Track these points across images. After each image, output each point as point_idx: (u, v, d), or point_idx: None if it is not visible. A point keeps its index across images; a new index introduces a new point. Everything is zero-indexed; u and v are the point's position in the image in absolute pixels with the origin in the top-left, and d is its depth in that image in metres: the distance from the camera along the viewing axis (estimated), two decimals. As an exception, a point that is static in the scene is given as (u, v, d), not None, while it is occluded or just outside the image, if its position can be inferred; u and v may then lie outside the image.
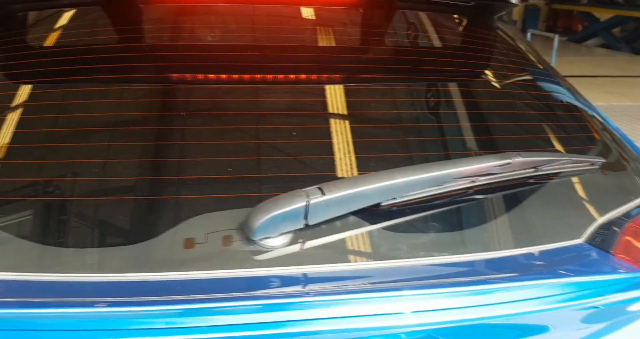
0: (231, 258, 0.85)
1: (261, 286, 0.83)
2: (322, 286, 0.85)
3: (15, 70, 1.26)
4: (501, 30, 1.60)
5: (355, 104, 1.14)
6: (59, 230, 0.90)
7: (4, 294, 0.78)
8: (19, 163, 0.98)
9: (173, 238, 0.87)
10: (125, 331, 0.74)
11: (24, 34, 1.44)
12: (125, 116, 1.08)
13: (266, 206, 0.82)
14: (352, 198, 0.85)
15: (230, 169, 0.97)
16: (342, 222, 0.89)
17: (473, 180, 0.97)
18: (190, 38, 1.33)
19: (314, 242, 0.88)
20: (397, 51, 1.36)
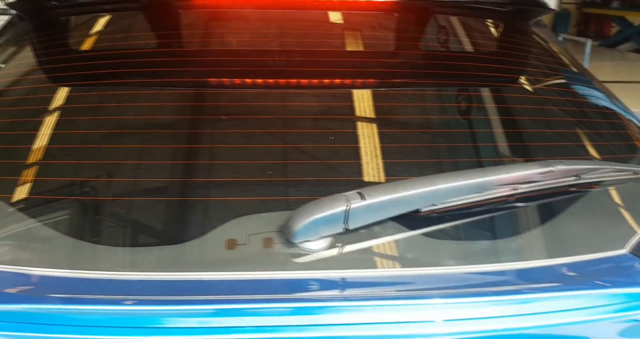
0: (271, 260, 0.86)
1: (300, 288, 0.83)
2: (360, 291, 0.85)
3: (58, 73, 1.30)
4: (537, 35, 1.58)
5: (392, 109, 1.14)
6: (109, 230, 0.92)
7: (55, 291, 0.81)
8: (76, 163, 1.01)
9: (216, 239, 0.88)
10: (169, 329, 0.76)
11: (66, 38, 1.48)
12: (170, 119, 1.11)
13: (307, 210, 0.82)
14: (392, 204, 0.85)
15: (270, 172, 0.98)
16: (380, 227, 0.89)
17: (514, 187, 0.96)
18: (228, 43, 1.34)
19: (353, 247, 0.88)
20: (435, 56, 1.36)
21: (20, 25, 1.49)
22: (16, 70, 1.36)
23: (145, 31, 1.46)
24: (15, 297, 0.83)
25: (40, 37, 1.47)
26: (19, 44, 1.45)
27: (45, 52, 1.40)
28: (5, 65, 1.38)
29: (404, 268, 0.89)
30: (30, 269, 0.85)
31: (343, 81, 1.19)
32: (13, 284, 0.85)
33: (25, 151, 1.05)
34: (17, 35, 1.47)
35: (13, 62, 1.40)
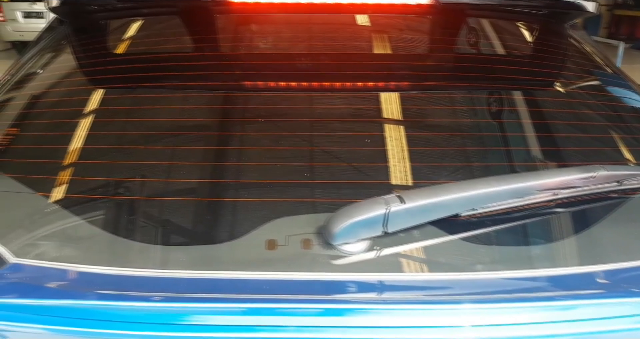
0: (310, 261, 0.87)
1: (338, 290, 0.84)
2: (397, 294, 0.85)
3: (98, 75, 1.33)
4: (574, 38, 1.56)
5: (428, 113, 1.13)
6: (155, 229, 0.95)
7: (101, 287, 0.83)
8: (121, 164, 1.04)
9: (256, 239, 0.89)
10: (210, 326, 0.77)
11: (105, 41, 1.51)
12: (212, 122, 1.13)
13: (346, 212, 0.83)
14: (432, 208, 0.85)
15: (307, 174, 0.99)
16: (419, 231, 0.89)
17: (555, 193, 0.94)
18: (264, 47, 1.35)
19: (391, 250, 0.88)
20: (473, 59, 1.35)
21: (60, 28, 1.53)
22: (56, 73, 1.40)
23: (180, 35, 1.48)
24: (60, 292, 0.86)
25: (80, 40, 1.50)
26: (59, 46, 1.49)
27: (84, 55, 1.43)
28: (46, 68, 1.42)
29: (442, 273, 0.88)
30: (76, 266, 0.88)
31: (380, 84, 1.19)
32: (59, 280, 0.88)
33: (69, 152, 1.08)
34: (57, 38, 1.51)
35: (53, 65, 1.43)
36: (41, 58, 1.44)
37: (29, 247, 0.93)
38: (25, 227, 0.96)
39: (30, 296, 0.84)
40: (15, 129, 1.20)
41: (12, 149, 1.15)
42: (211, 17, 1.42)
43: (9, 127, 1.20)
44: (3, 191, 1.05)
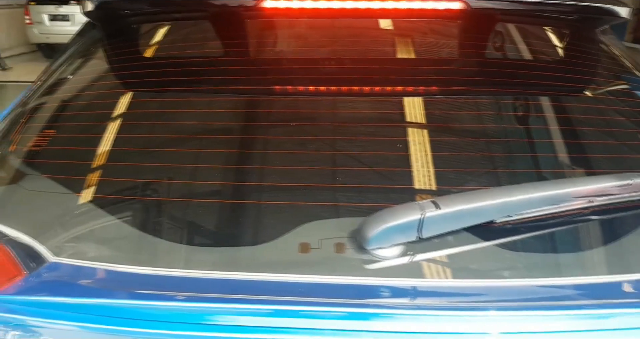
0: (343, 265, 0.87)
1: (371, 295, 0.84)
2: (430, 300, 0.85)
3: (127, 79, 1.35)
4: (605, 44, 1.54)
5: (461, 118, 1.13)
6: (190, 231, 0.96)
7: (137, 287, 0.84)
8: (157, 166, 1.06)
9: (290, 242, 0.90)
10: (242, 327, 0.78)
11: (136, 45, 1.53)
12: (247, 125, 1.14)
13: (381, 217, 0.83)
14: (468, 214, 0.85)
15: (339, 178, 0.99)
16: (454, 237, 0.89)
17: (590, 200, 0.93)
18: (297, 51, 1.36)
19: (425, 256, 0.88)
20: (504, 65, 1.34)
21: (93, 32, 1.56)
22: (90, 76, 1.43)
23: (210, 40, 1.50)
24: (96, 291, 0.87)
25: (112, 44, 1.53)
26: (91, 50, 1.52)
27: (117, 59, 1.46)
28: (80, 71, 1.45)
29: (476, 279, 0.88)
30: (113, 266, 0.89)
31: (412, 89, 1.19)
32: (96, 279, 0.90)
33: (105, 153, 1.10)
34: (90, 42, 1.53)
35: (86, 68, 1.46)
36: (74, 61, 1.47)
37: (67, 246, 0.95)
38: (64, 228, 0.99)
39: (68, 295, 0.86)
40: (52, 131, 1.22)
41: (51, 150, 1.17)
42: (241, 22, 1.44)
43: (47, 129, 1.23)
44: (43, 192, 1.07)
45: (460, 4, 1.26)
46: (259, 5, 1.32)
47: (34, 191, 1.09)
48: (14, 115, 1.30)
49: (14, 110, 1.33)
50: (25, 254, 0.92)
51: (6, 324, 0.84)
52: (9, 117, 1.30)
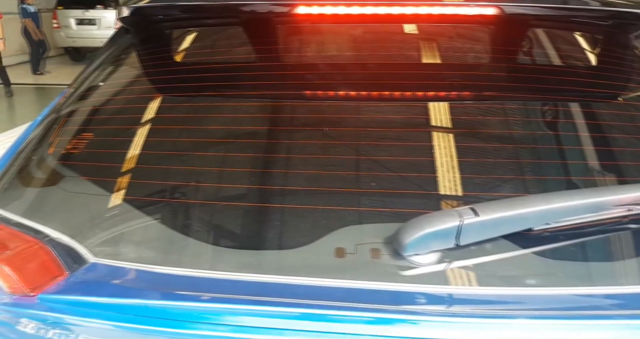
0: (379, 271, 0.87)
1: (406, 301, 0.84)
2: (466, 307, 0.84)
3: (162, 84, 1.37)
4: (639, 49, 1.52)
5: (496, 124, 1.12)
6: (227, 233, 0.98)
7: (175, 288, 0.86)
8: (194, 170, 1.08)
9: (325, 247, 0.91)
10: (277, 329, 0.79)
11: (168, 51, 1.55)
12: (283, 130, 1.15)
13: (419, 223, 0.83)
14: (506, 221, 0.84)
15: (374, 183, 0.99)
16: (491, 244, 0.88)
17: (629, 208, 0.92)
18: (324, 57, 1.37)
19: (461, 263, 0.88)
20: (538, 71, 1.33)
21: (126, 37, 1.58)
22: (124, 81, 1.45)
23: (242, 45, 1.51)
24: (135, 292, 0.89)
25: (146, 49, 1.55)
26: (125, 55, 1.55)
27: (150, 64, 1.48)
28: (115, 75, 1.47)
29: (513, 287, 0.87)
30: (151, 267, 0.91)
31: (448, 94, 1.19)
32: (134, 280, 0.91)
33: (143, 156, 1.12)
34: (124, 47, 1.56)
35: (122, 72, 1.49)
36: (109, 66, 1.50)
37: (107, 248, 0.97)
38: (103, 229, 1.01)
39: (108, 295, 0.87)
40: (89, 134, 1.25)
41: (88, 153, 1.20)
42: (273, 28, 1.44)
43: (84, 132, 1.25)
44: (82, 194, 1.10)
45: (495, 9, 1.25)
46: (291, 12, 1.33)
47: (73, 193, 1.11)
48: (52, 118, 1.33)
49: (52, 113, 1.36)
50: (66, 255, 0.94)
51: (48, 322, 0.86)
52: (47, 120, 1.33)
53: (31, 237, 0.97)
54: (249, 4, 1.37)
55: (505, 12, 1.28)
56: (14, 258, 0.90)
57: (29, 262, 0.91)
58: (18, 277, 0.88)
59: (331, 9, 1.28)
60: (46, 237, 0.97)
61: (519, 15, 1.32)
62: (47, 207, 1.10)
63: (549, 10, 1.35)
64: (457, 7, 1.26)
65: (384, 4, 1.25)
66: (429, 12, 1.26)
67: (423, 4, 1.25)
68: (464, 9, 1.26)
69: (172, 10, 1.49)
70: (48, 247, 0.94)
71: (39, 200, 1.13)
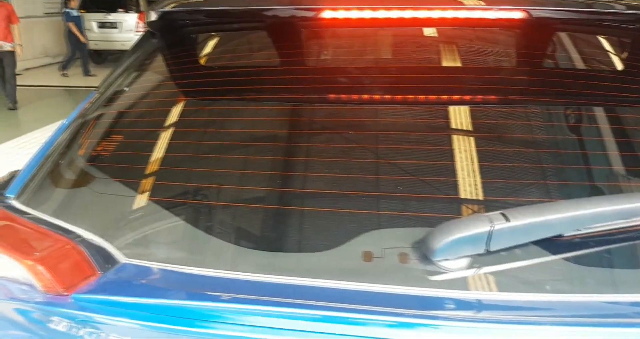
0: (407, 275, 0.87)
1: (435, 306, 0.84)
2: (495, 313, 0.84)
3: (191, 88, 1.39)
4: None
5: (526, 128, 1.12)
6: (257, 235, 0.98)
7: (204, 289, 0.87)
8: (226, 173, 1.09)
9: (353, 250, 0.91)
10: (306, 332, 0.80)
11: (194, 55, 1.57)
12: (311, 134, 1.16)
13: (449, 228, 0.83)
14: (537, 227, 0.83)
15: (400, 188, 0.99)
16: (521, 250, 0.88)
17: None
18: (351, 61, 1.37)
19: (491, 269, 0.87)
20: (567, 75, 1.32)
21: (152, 41, 1.61)
22: (153, 84, 1.47)
23: (267, 49, 1.52)
24: (165, 292, 0.90)
25: (172, 52, 1.57)
26: (152, 58, 1.57)
27: (176, 67, 1.50)
28: (142, 78, 1.49)
29: (542, 293, 0.86)
30: (181, 268, 0.92)
31: (474, 98, 1.19)
32: (164, 280, 0.93)
33: (173, 158, 1.13)
34: (150, 50, 1.58)
35: (146, 76, 1.51)
36: (136, 69, 1.52)
37: (138, 248, 0.98)
38: (134, 230, 1.02)
39: (139, 295, 0.89)
40: (120, 136, 1.27)
41: (118, 155, 1.22)
42: (296, 32, 1.45)
43: (114, 134, 1.28)
44: (113, 195, 1.12)
45: (522, 13, 1.24)
46: (314, 17, 1.34)
47: (103, 194, 1.13)
48: (82, 120, 1.35)
49: (81, 115, 1.38)
50: (98, 255, 0.95)
51: (81, 322, 0.87)
52: (76, 122, 1.36)
53: (64, 237, 0.99)
54: (272, 8, 1.38)
55: (530, 15, 1.27)
56: (47, 258, 0.92)
57: (62, 262, 0.93)
58: (52, 276, 0.90)
59: (354, 13, 1.28)
60: (78, 238, 0.99)
61: (548, 19, 1.31)
62: (78, 208, 1.12)
63: (578, 14, 1.34)
64: (484, 11, 1.26)
65: (410, 8, 1.25)
66: (457, 16, 1.26)
67: (449, 7, 1.25)
68: (491, 13, 1.25)
69: (198, 14, 1.50)
70: (80, 247, 0.96)
71: (70, 201, 1.15)
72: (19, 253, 0.95)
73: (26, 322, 0.95)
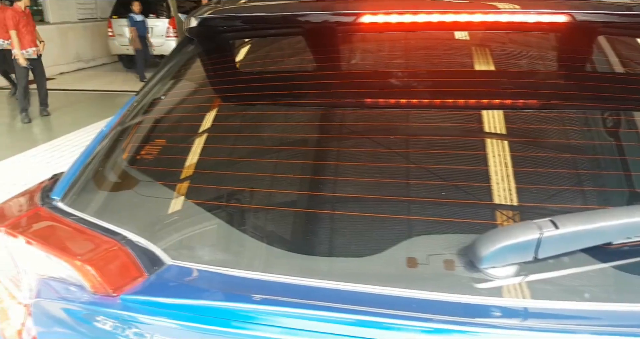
0: (453, 282, 0.87)
1: (482, 314, 0.83)
2: (544, 322, 0.83)
3: (228, 93, 1.41)
4: None
5: (571, 134, 1.10)
6: (300, 239, 0.99)
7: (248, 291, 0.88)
8: (267, 176, 1.09)
9: (397, 256, 0.91)
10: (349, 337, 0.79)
11: (232, 61, 1.59)
12: (350, 139, 1.16)
13: (498, 235, 0.82)
14: (586, 234, 0.82)
15: (444, 193, 0.98)
16: (569, 258, 0.86)
17: None
18: (385, 65, 1.37)
19: (538, 277, 0.86)
20: (611, 79, 1.29)
21: (191, 47, 1.63)
22: (190, 89, 1.50)
23: (302, 54, 1.53)
24: (210, 294, 0.91)
25: (210, 58, 1.60)
26: (189, 64, 1.59)
27: (214, 73, 1.52)
28: (179, 83, 1.52)
29: (589, 302, 0.85)
30: (226, 270, 0.93)
31: (521, 103, 1.17)
32: (209, 282, 0.94)
33: (216, 163, 1.15)
34: (189, 56, 1.61)
35: (185, 82, 1.53)
36: (175, 74, 1.54)
37: (182, 250, 1.00)
38: (178, 232, 1.04)
39: (184, 296, 0.90)
40: (162, 140, 1.30)
41: (161, 158, 1.24)
42: (332, 37, 1.46)
43: (158, 138, 1.30)
44: (158, 198, 1.14)
45: (567, 17, 1.22)
46: (354, 21, 1.34)
47: (147, 197, 1.15)
48: (124, 123, 1.38)
49: (123, 118, 1.41)
50: (144, 257, 0.97)
51: (129, 322, 0.89)
52: (119, 125, 1.39)
53: (111, 239, 1.01)
54: (307, 14, 1.39)
55: (576, 19, 1.25)
56: (96, 259, 0.94)
57: (110, 263, 0.95)
58: (101, 277, 0.92)
59: (393, 18, 1.28)
60: (124, 239, 1.01)
61: (592, 23, 1.28)
62: (122, 210, 1.14)
63: (625, 18, 1.31)
64: (526, 15, 1.24)
65: (452, 12, 1.24)
66: (498, 20, 1.25)
67: (492, 11, 1.24)
68: (535, 17, 1.24)
69: (236, 21, 1.52)
70: (127, 248, 0.98)
71: (114, 203, 1.17)
72: (68, 254, 0.98)
73: (74, 322, 0.98)
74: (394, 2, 1.32)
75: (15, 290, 1.15)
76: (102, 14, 13.30)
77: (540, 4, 1.25)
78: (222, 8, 1.50)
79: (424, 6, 1.28)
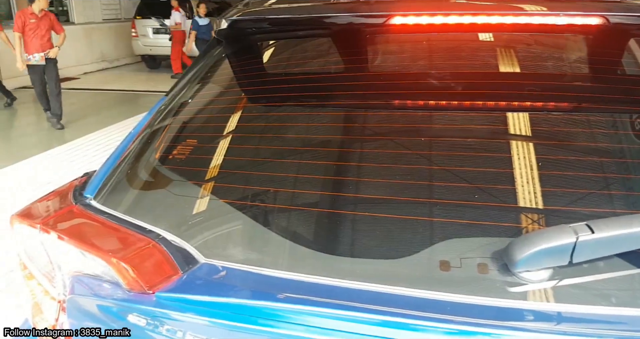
0: (487, 286, 0.86)
1: (515, 318, 0.82)
2: (578, 327, 0.82)
3: (252, 94, 1.42)
4: None
5: (605, 138, 1.08)
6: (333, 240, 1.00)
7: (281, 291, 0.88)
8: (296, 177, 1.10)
9: (430, 259, 0.91)
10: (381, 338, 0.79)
11: (260, 63, 1.60)
12: (388, 142, 1.16)
13: (533, 239, 0.81)
14: (622, 239, 0.81)
15: (477, 196, 0.98)
16: (604, 262, 0.85)
17: None
18: (411, 66, 1.37)
19: (572, 281, 0.85)
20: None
21: (220, 49, 1.65)
22: (220, 90, 1.51)
23: (329, 56, 1.54)
24: (242, 292, 0.92)
25: (238, 59, 1.61)
26: (218, 65, 1.61)
27: (243, 74, 1.54)
28: (208, 84, 1.54)
29: (624, 307, 0.84)
30: (259, 269, 0.94)
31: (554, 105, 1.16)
32: (241, 280, 0.95)
33: (249, 163, 1.16)
34: (218, 57, 1.62)
35: (214, 82, 1.55)
36: (204, 75, 1.56)
37: (215, 249, 1.01)
38: (211, 231, 1.05)
39: (218, 294, 0.91)
40: (194, 141, 1.31)
41: (194, 158, 1.26)
42: (358, 39, 1.46)
43: (189, 138, 1.32)
44: (191, 197, 1.15)
45: (600, 19, 1.21)
46: (383, 23, 1.34)
47: (180, 196, 1.17)
48: (156, 123, 1.40)
49: (154, 118, 1.43)
50: (179, 255, 0.99)
51: (164, 319, 0.91)
52: (150, 125, 1.41)
53: (145, 237, 1.02)
54: (333, 16, 1.40)
55: (610, 21, 1.23)
56: (132, 256, 0.96)
57: (146, 261, 0.96)
58: (137, 275, 0.94)
59: (422, 19, 1.28)
60: (159, 237, 1.02)
61: (626, 25, 1.26)
62: (156, 208, 1.16)
63: None
64: (558, 17, 1.23)
65: (483, 14, 1.23)
66: (530, 22, 1.24)
67: (523, 13, 1.23)
68: (566, 19, 1.22)
69: (264, 23, 1.54)
70: (162, 247, 0.99)
71: (146, 201, 1.19)
72: (103, 251, 1.00)
73: (108, 318, 1.00)
74: (422, 4, 1.32)
75: (49, 286, 1.18)
76: (126, 15, 13.49)
77: (570, 6, 1.23)
78: (250, 10, 1.52)
79: (453, 8, 1.27)
